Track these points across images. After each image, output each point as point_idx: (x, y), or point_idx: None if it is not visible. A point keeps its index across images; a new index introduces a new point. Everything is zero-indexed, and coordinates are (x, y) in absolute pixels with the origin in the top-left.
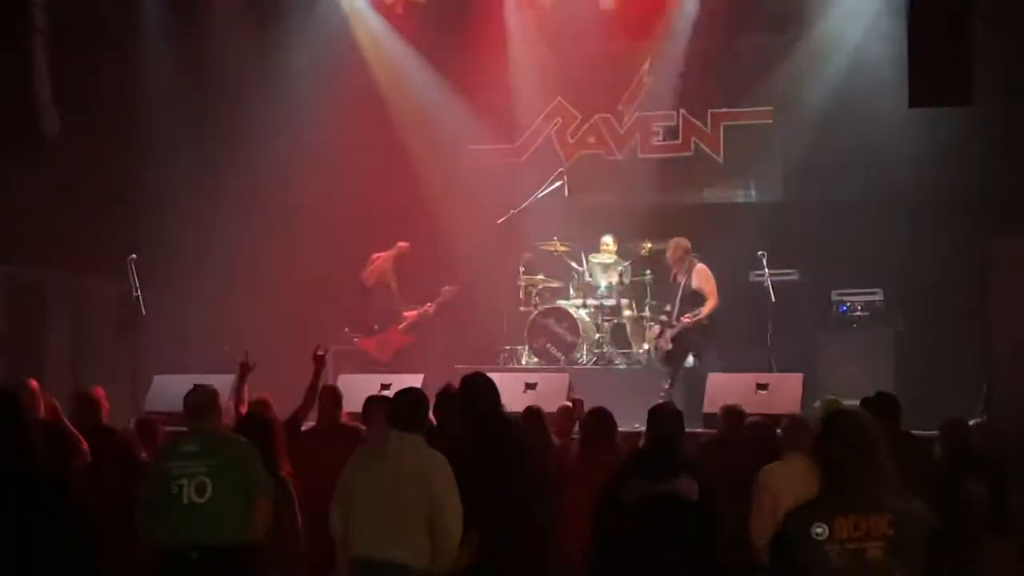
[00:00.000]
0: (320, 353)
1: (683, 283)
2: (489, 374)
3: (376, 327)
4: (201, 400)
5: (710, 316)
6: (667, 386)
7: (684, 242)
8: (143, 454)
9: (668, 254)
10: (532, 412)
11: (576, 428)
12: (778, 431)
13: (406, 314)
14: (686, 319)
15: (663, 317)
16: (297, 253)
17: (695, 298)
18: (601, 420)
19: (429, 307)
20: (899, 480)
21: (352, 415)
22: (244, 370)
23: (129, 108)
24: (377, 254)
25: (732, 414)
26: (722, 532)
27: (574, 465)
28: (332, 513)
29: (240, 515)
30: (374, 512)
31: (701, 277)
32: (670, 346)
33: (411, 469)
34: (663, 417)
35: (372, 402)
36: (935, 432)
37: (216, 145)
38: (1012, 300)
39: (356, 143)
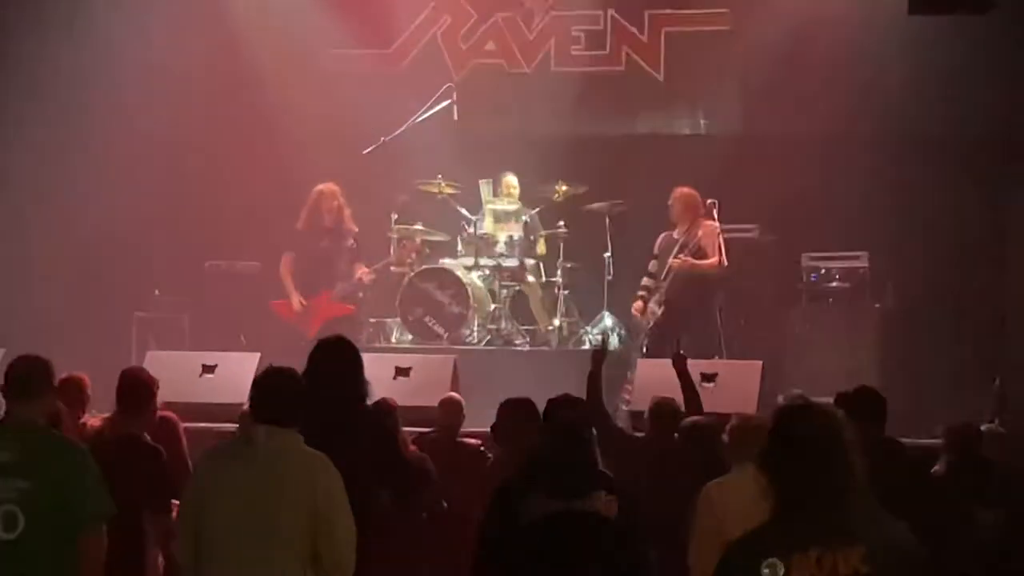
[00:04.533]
0: None
1: (681, 240)
2: None
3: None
4: (30, 374)
5: (709, 276)
6: (630, 379)
7: (694, 194)
8: None
9: (675, 207)
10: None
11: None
12: (724, 436)
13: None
14: (676, 261)
15: (645, 281)
16: (102, 199)
17: (696, 256)
18: (519, 415)
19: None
20: (874, 498)
21: (169, 405)
22: None
23: None
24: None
25: (663, 412)
26: (653, 560)
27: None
28: (179, 539)
29: (61, 560)
30: (241, 533)
31: (706, 232)
32: (660, 311)
33: (290, 474)
34: (567, 413)
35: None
36: (933, 440)
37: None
38: None
39: (179, 55)
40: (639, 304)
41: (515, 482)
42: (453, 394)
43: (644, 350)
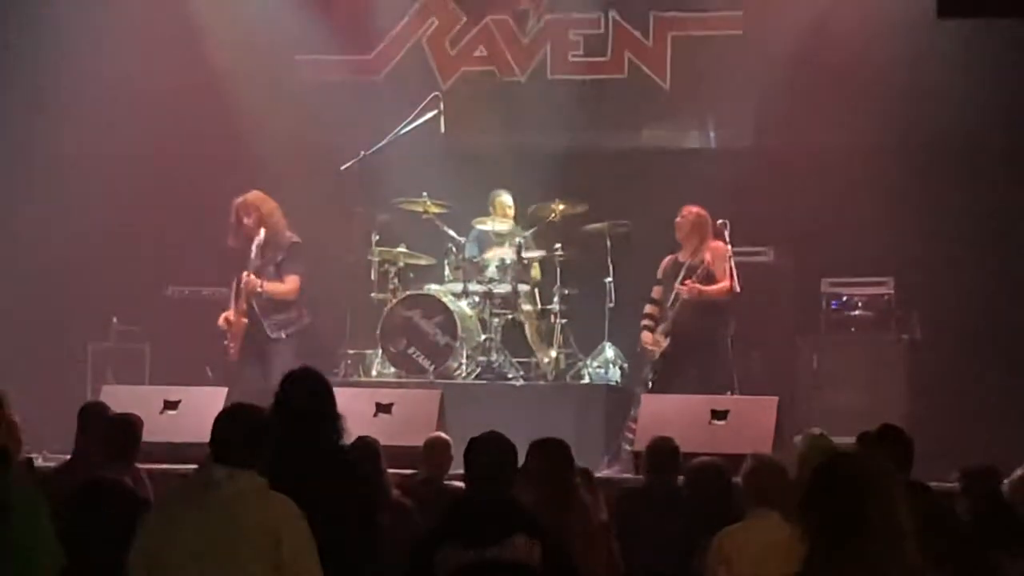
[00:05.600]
0: None
1: (687, 263)
2: None
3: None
4: None
5: (719, 303)
6: (634, 416)
7: (703, 213)
8: None
9: (682, 227)
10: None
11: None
12: (736, 479)
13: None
14: (683, 287)
15: (648, 309)
16: (53, 220)
17: (704, 281)
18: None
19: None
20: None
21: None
22: None
23: None
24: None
25: (661, 453)
26: None
27: None
28: None
29: None
30: None
31: (715, 254)
32: (666, 342)
33: (252, 522)
34: (485, 451)
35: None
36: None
37: None
38: None
39: (136, 66)
40: (647, 335)
41: (429, 532)
42: (440, 433)
43: (649, 385)
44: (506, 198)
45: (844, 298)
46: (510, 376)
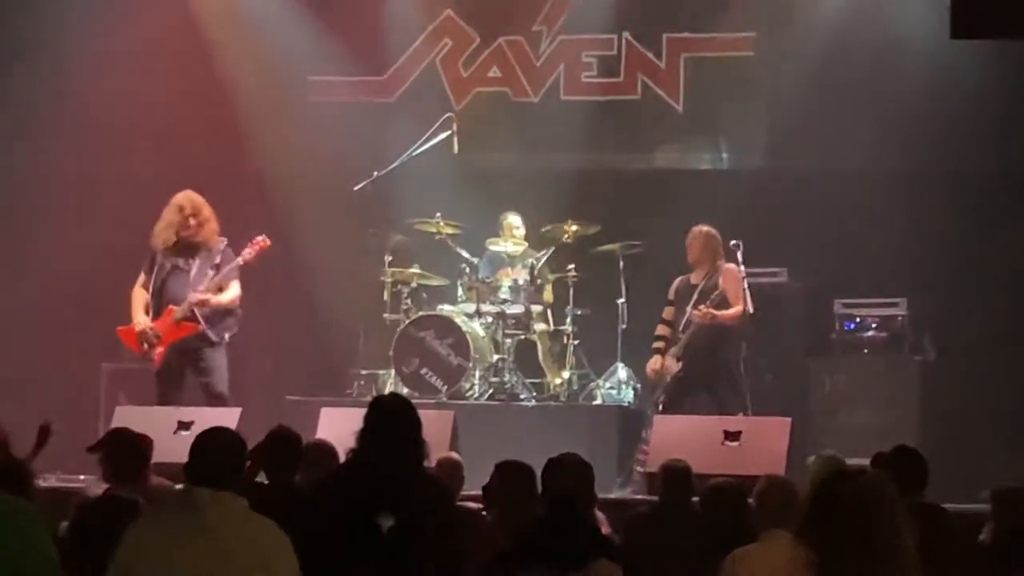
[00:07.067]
0: (47, 425)
1: (701, 285)
2: (337, 410)
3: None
4: None
5: (733, 327)
6: (646, 438)
7: (715, 234)
8: None
9: (693, 248)
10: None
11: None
12: (750, 500)
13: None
14: (697, 312)
15: (660, 330)
16: (66, 240)
17: (718, 306)
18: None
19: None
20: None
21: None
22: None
23: None
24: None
25: (675, 475)
26: None
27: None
28: None
29: None
30: None
31: (728, 277)
32: (678, 365)
33: (242, 546)
34: (564, 475)
35: None
36: (978, 506)
37: None
38: None
39: (153, 87)
40: (656, 361)
41: (511, 552)
42: (452, 454)
43: (660, 407)
44: (514, 219)
45: (857, 319)
46: (522, 397)
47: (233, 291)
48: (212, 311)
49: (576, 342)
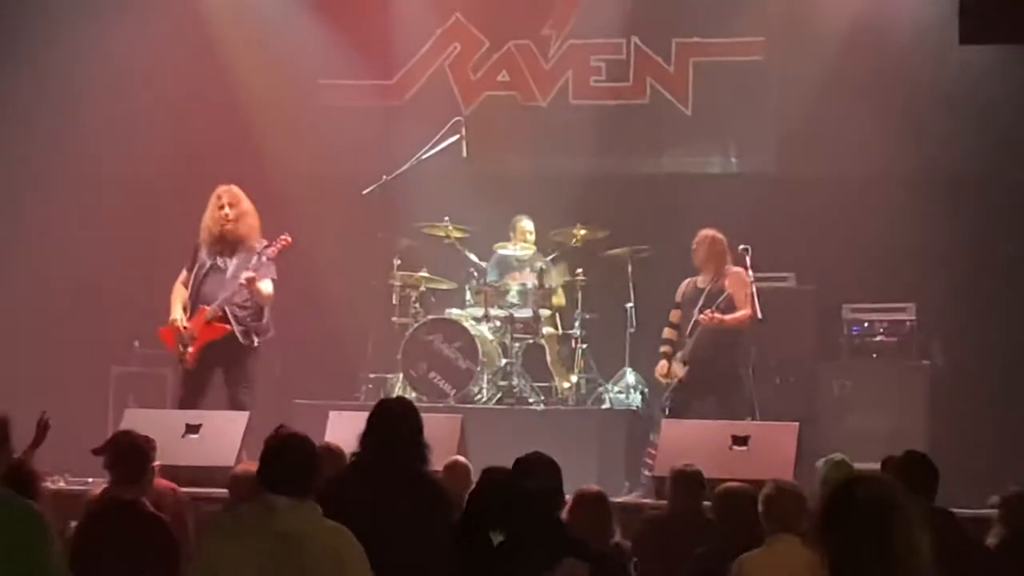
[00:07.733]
0: (44, 419)
1: (707, 289)
2: (343, 414)
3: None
4: None
5: (739, 331)
6: (653, 442)
7: (720, 238)
8: None
9: (698, 252)
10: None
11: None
12: (759, 504)
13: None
14: (704, 316)
15: (667, 334)
16: (74, 243)
17: (725, 310)
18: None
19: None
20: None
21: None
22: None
23: None
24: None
25: (686, 480)
26: None
27: None
28: None
29: None
30: None
31: (735, 281)
32: (684, 369)
33: (318, 551)
34: (533, 472)
35: None
36: (987, 511)
37: None
38: None
39: (160, 89)
40: (663, 365)
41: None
42: (459, 458)
43: (666, 411)
44: (527, 224)
45: (866, 324)
46: (531, 401)
47: (267, 287)
48: (243, 312)
49: (584, 346)
